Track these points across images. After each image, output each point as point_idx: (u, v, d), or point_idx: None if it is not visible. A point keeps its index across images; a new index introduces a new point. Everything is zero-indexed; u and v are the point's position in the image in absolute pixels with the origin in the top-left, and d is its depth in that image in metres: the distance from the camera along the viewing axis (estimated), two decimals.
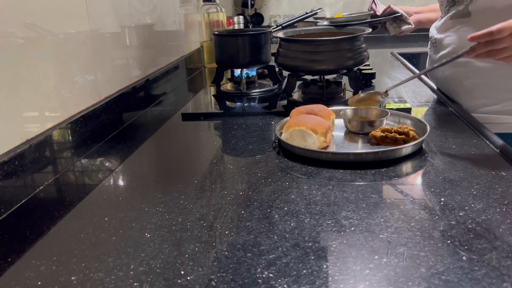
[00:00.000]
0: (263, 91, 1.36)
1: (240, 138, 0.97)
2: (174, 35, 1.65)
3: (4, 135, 0.71)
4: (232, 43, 1.34)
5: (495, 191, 0.67)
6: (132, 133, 1.07)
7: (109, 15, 1.11)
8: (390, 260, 0.51)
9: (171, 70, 1.53)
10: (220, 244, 0.56)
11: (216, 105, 1.33)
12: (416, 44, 2.34)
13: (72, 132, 0.88)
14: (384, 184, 0.72)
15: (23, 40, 0.77)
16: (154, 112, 1.27)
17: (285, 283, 0.48)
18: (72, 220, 0.66)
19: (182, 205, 0.68)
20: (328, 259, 0.52)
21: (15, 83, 0.74)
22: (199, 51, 1.91)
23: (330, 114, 0.94)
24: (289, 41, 1.21)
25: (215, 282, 0.49)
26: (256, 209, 0.65)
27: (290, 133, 0.86)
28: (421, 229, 0.57)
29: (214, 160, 0.87)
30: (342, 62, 1.16)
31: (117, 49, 1.16)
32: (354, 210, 0.63)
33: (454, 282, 0.47)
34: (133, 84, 1.20)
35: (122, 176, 0.83)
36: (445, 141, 0.89)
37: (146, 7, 1.37)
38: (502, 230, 0.56)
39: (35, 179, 0.76)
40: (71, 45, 0.92)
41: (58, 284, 0.51)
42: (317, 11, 1.44)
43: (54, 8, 0.86)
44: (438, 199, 0.65)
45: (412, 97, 1.25)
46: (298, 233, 0.58)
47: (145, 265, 0.53)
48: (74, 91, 0.93)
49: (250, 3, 2.55)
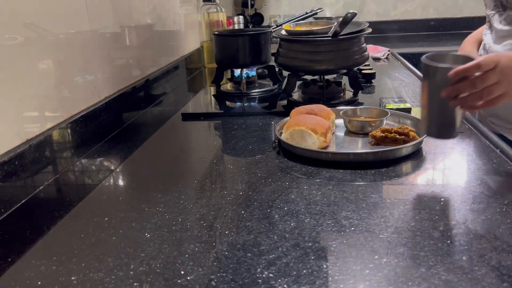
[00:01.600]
0: (263, 91, 1.36)
1: (240, 138, 0.97)
2: (174, 35, 1.65)
3: (4, 135, 0.71)
4: (232, 43, 1.34)
5: (495, 191, 0.67)
6: (132, 133, 1.07)
7: (109, 15, 1.11)
8: (390, 260, 0.51)
9: (171, 70, 1.53)
10: (220, 244, 0.56)
11: (216, 105, 1.33)
12: (416, 44, 2.34)
13: (72, 132, 0.88)
14: (384, 184, 0.72)
15: (23, 40, 0.77)
16: (154, 112, 1.27)
17: (285, 283, 0.48)
18: (72, 220, 0.66)
19: (182, 205, 0.68)
20: (328, 259, 0.52)
21: (15, 83, 0.74)
22: (199, 51, 1.91)
23: (330, 114, 0.94)
24: (289, 41, 1.21)
25: (215, 282, 0.49)
26: (256, 209, 0.65)
27: (290, 133, 0.86)
28: (421, 229, 0.57)
29: (214, 160, 0.87)
30: (342, 62, 1.16)
31: (117, 49, 1.16)
32: (354, 210, 0.63)
33: (454, 282, 0.47)
34: (133, 84, 1.20)
35: (122, 176, 0.83)
36: (444, 141, 0.88)
37: (146, 7, 1.37)
38: (502, 230, 0.56)
39: (35, 179, 0.76)
40: (71, 45, 0.92)
41: (58, 284, 0.51)
42: (317, 11, 1.44)
43: (54, 8, 0.86)
44: (438, 199, 0.65)
45: (412, 97, 1.25)
46: (298, 233, 0.58)
47: (145, 265, 0.53)
48: (74, 91, 0.93)
49: (250, 3, 2.55)
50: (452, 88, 0.67)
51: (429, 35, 2.60)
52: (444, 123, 0.73)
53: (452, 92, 0.67)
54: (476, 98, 0.67)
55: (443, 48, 2.16)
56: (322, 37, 1.16)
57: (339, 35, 1.14)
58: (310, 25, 1.31)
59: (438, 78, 0.69)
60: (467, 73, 0.66)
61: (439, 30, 2.65)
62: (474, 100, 0.68)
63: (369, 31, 1.20)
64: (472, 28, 1.27)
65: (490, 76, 0.66)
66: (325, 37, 1.16)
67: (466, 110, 0.70)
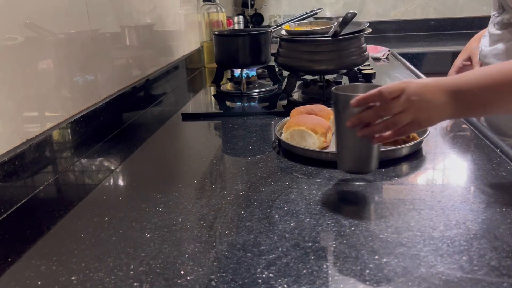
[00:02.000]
0: (263, 91, 1.36)
1: (240, 138, 0.97)
2: (174, 35, 1.65)
3: (4, 135, 0.71)
4: (232, 43, 1.34)
5: (495, 191, 0.67)
6: (132, 133, 1.07)
7: (109, 15, 1.11)
8: (390, 260, 0.51)
9: (171, 70, 1.53)
10: (220, 244, 0.56)
11: (216, 105, 1.33)
12: (416, 44, 2.34)
13: (72, 132, 0.88)
14: (384, 184, 0.72)
15: (23, 40, 0.77)
16: (154, 112, 1.27)
17: (285, 283, 0.48)
18: (72, 220, 0.66)
19: (182, 205, 0.68)
20: (328, 259, 0.52)
21: (15, 83, 0.74)
22: (199, 51, 1.91)
23: (330, 114, 0.94)
24: (289, 41, 1.21)
25: (215, 282, 0.49)
26: (256, 209, 0.65)
27: (290, 133, 0.86)
28: (421, 229, 0.57)
29: (214, 160, 0.87)
30: (342, 62, 1.16)
31: (117, 49, 1.16)
32: (354, 210, 0.63)
33: (454, 282, 0.47)
34: (133, 84, 1.20)
35: (122, 176, 0.83)
36: (444, 141, 0.89)
37: (146, 7, 1.37)
38: (502, 230, 0.56)
39: (35, 179, 0.76)
40: (71, 45, 0.92)
41: (58, 284, 0.51)
42: (317, 11, 1.44)
43: (54, 8, 0.86)
44: (438, 199, 0.65)
45: None
46: (298, 233, 0.58)
47: (145, 265, 0.53)
48: (74, 91, 0.93)
49: (250, 3, 2.55)
50: (356, 117, 0.63)
51: (429, 35, 2.60)
52: (356, 157, 0.68)
53: (357, 121, 0.63)
54: (382, 128, 0.63)
55: (443, 48, 2.16)
56: (322, 37, 1.16)
57: (339, 35, 1.14)
58: (310, 25, 1.31)
59: (342, 106, 0.65)
60: (368, 101, 0.62)
61: (439, 30, 2.65)
62: (381, 130, 0.63)
63: (369, 31, 1.20)
64: (472, 28, 1.28)
65: (395, 105, 0.61)
66: (325, 37, 1.16)
67: (376, 142, 0.65)
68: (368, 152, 0.67)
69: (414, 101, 0.61)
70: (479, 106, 0.64)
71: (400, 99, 0.61)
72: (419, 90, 0.61)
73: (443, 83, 0.63)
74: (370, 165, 0.68)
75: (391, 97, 0.61)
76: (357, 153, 0.68)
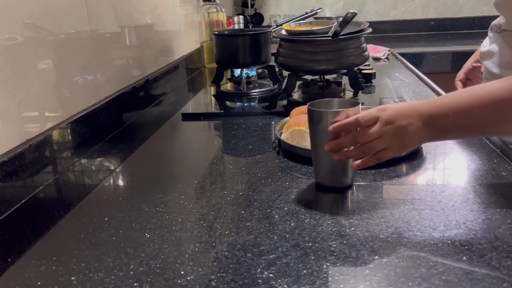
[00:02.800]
0: (263, 91, 1.36)
1: (240, 138, 0.97)
2: (174, 35, 1.65)
3: (4, 135, 0.71)
4: (232, 43, 1.34)
5: (495, 191, 0.67)
6: (132, 133, 1.07)
7: (109, 15, 1.11)
8: (390, 260, 0.51)
9: (171, 70, 1.53)
10: (220, 244, 0.56)
11: (216, 105, 1.33)
12: (416, 44, 2.34)
13: (72, 132, 0.88)
14: (384, 184, 0.72)
15: (23, 40, 0.77)
16: (154, 112, 1.27)
17: (285, 283, 0.48)
18: (72, 220, 0.66)
19: (182, 205, 0.68)
20: (328, 259, 0.52)
21: (15, 83, 0.74)
22: (199, 51, 1.91)
23: None
24: (289, 41, 1.21)
25: (215, 282, 0.49)
26: (256, 209, 0.65)
27: (290, 133, 0.86)
28: (421, 229, 0.57)
29: (214, 160, 0.87)
30: (342, 62, 1.16)
31: (117, 49, 1.16)
32: (354, 210, 0.63)
33: (454, 282, 0.47)
34: (133, 84, 1.20)
35: (122, 176, 0.83)
36: (444, 141, 0.88)
37: (146, 7, 1.37)
38: (502, 230, 0.56)
39: (35, 179, 0.76)
40: (71, 45, 0.92)
41: (58, 284, 0.51)
42: (317, 11, 1.44)
43: (54, 8, 0.86)
44: (438, 199, 0.65)
45: (412, 97, 1.25)
46: (298, 233, 0.58)
47: (145, 265, 0.53)
48: (74, 91, 0.93)
49: (250, 3, 2.55)
50: (334, 142, 0.66)
51: (429, 35, 2.60)
52: (332, 171, 0.70)
53: (334, 146, 0.66)
54: (358, 153, 0.65)
55: (443, 48, 2.16)
56: (322, 37, 1.16)
57: (339, 35, 1.14)
58: (310, 25, 1.31)
59: (317, 121, 0.68)
60: (345, 129, 0.65)
61: (439, 30, 2.65)
62: (357, 155, 0.65)
63: (369, 31, 1.20)
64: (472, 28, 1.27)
65: (371, 132, 0.63)
66: (325, 37, 1.16)
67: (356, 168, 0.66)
68: (343, 168, 0.69)
69: (388, 128, 0.63)
70: (454, 130, 0.65)
71: (375, 126, 0.63)
72: (394, 117, 0.63)
73: (417, 107, 0.64)
74: (345, 179, 0.70)
75: (367, 125, 0.64)
76: (333, 168, 0.69)
